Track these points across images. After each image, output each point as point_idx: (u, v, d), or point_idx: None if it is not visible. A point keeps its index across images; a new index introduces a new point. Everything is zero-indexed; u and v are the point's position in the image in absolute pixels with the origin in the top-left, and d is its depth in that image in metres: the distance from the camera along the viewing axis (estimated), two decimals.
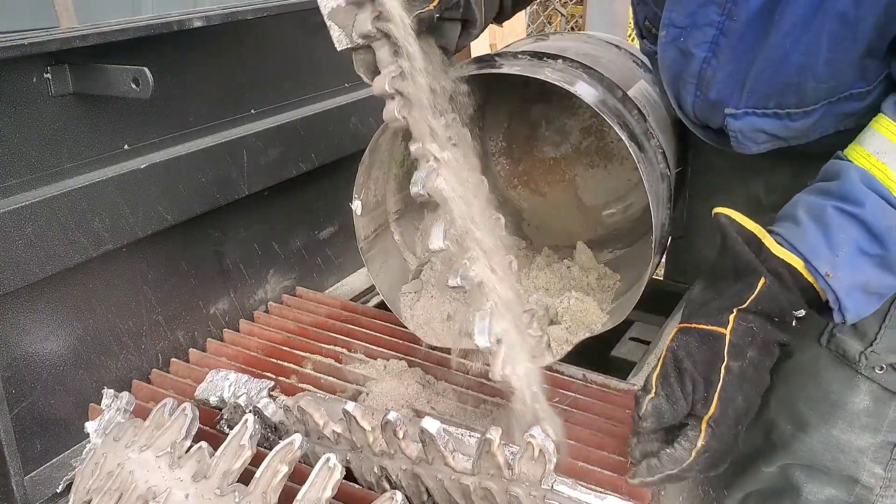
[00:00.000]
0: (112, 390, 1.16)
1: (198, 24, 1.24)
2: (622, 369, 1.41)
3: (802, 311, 1.02)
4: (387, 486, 1.02)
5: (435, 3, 1.07)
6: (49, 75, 1.09)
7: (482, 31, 1.20)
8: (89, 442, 1.11)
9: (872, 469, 1.29)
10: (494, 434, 0.91)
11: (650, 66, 1.56)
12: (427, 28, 1.09)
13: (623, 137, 1.23)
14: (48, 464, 1.18)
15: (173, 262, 1.36)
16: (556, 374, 1.30)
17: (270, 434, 1.13)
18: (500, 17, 1.28)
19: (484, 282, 1.06)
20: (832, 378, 1.28)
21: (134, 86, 1.09)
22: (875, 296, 1.03)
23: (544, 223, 1.80)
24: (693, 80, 1.20)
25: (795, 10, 1.03)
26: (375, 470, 1.02)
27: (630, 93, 1.36)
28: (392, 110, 1.06)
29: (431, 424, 0.96)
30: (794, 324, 1.03)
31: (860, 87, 1.08)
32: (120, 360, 1.28)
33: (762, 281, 1.00)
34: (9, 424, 1.01)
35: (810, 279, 1.00)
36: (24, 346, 1.12)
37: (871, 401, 1.26)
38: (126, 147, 1.22)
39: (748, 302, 1.00)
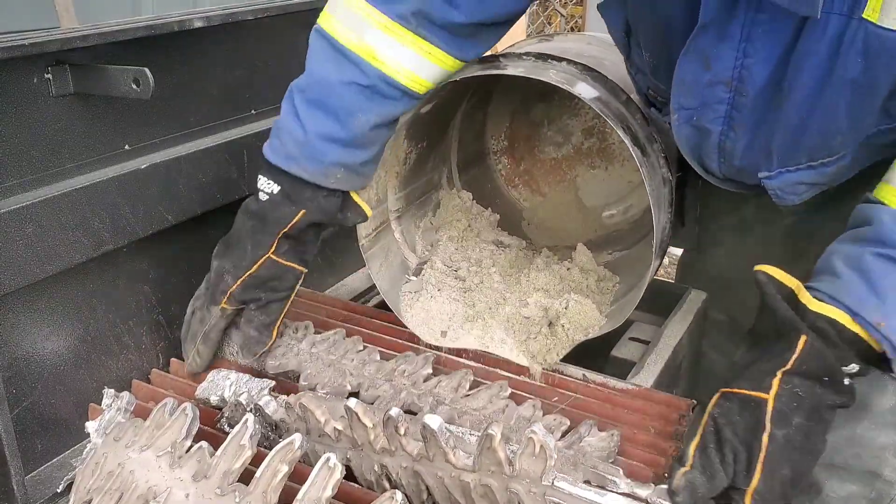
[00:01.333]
0: (112, 390, 1.16)
1: (198, 24, 1.24)
2: (622, 369, 1.41)
3: (855, 365, 0.97)
4: (387, 485, 1.02)
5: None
6: (50, 76, 1.09)
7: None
8: (90, 442, 1.11)
9: (894, 464, 1.30)
10: (496, 430, 0.92)
11: None
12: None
13: (626, 141, 1.23)
14: (49, 463, 1.18)
15: (174, 262, 1.36)
16: (555, 374, 1.30)
17: (271, 433, 1.14)
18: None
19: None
20: (860, 380, 1.28)
21: (134, 86, 1.09)
22: None
23: (544, 223, 1.80)
24: (715, 151, 1.20)
25: (805, 83, 1.03)
26: (376, 468, 1.02)
27: (634, 96, 1.36)
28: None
29: (433, 420, 0.96)
30: (847, 381, 0.96)
31: (886, 123, 1.08)
32: (120, 359, 1.28)
33: (803, 339, 0.95)
34: (9, 424, 1.01)
35: (858, 330, 0.96)
36: (25, 346, 1.12)
37: None
38: (127, 147, 1.22)
39: (791, 363, 0.94)
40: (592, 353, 1.35)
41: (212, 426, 1.16)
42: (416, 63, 1.16)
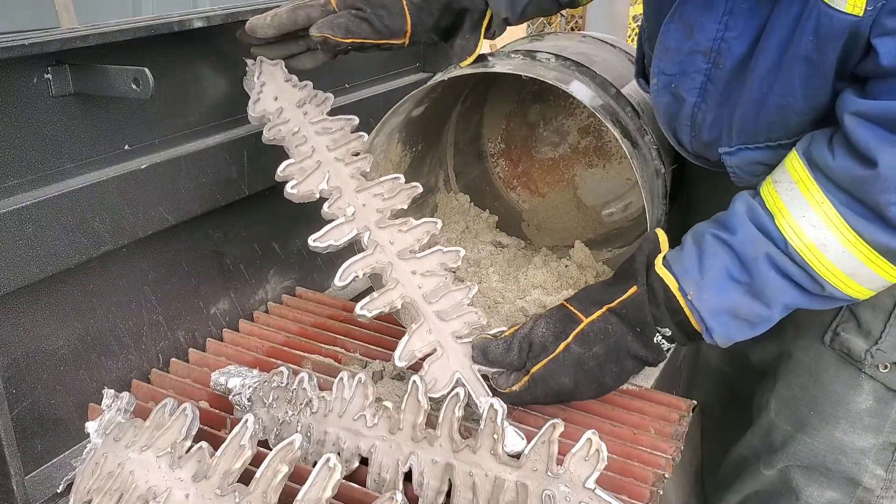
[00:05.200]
0: (112, 390, 1.16)
1: (198, 24, 1.24)
2: None
3: (668, 330, 1.10)
4: (399, 485, 1.02)
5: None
6: (49, 76, 1.09)
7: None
8: (89, 442, 1.11)
9: (874, 471, 1.30)
10: (560, 424, 0.95)
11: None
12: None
13: (616, 134, 1.23)
14: (48, 464, 1.18)
15: (174, 262, 1.36)
16: None
17: (292, 411, 1.12)
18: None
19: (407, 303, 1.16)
20: (834, 378, 1.28)
21: (134, 86, 1.09)
22: (745, 322, 1.08)
23: (544, 223, 1.81)
24: (687, 123, 1.24)
25: (767, 56, 1.07)
26: (400, 461, 1.02)
27: (624, 90, 1.36)
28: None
29: (499, 404, 0.99)
30: (657, 341, 1.11)
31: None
32: (120, 360, 1.28)
33: (633, 288, 1.09)
34: (9, 424, 1.01)
35: (682, 302, 1.07)
36: (25, 346, 1.12)
37: (873, 401, 1.27)
38: (127, 147, 1.22)
39: (615, 303, 1.10)
40: None
41: (213, 425, 1.16)
42: None
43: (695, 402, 1.23)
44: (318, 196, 1.24)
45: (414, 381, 1.04)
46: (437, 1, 1.27)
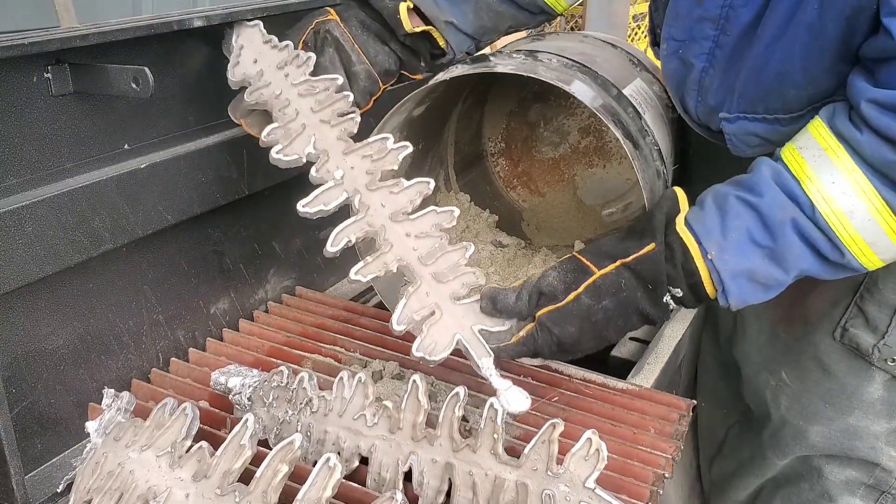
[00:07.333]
0: (112, 390, 1.16)
1: (198, 24, 1.24)
2: (622, 369, 1.41)
3: (679, 291, 1.07)
4: (400, 484, 1.02)
5: None
6: (49, 75, 1.09)
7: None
8: (90, 441, 1.11)
9: (890, 452, 1.35)
10: (560, 424, 0.94)
11: (647, 65, 1.56)
12: None
13: (618, 135, 1.23)
14: (48, 463, 1.18)
15: (173, 261, 1.36)
16: (554, 374, 1.30)
17: (292, 410, 1.12)
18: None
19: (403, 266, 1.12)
20: (847, 371, 1.33)
21: (134, 85, 1.09)
22: (761, 286, 1.05)
23: (544, 223, 1.81)
24: (695, 88, 1.25)
25: (773, 22, 1.08)
26: (400, 460, 1.02)
27: (625, 91, 1.36)
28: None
29: (499, 403, 0.99)
30: (665, 300, 1.07)
31: (841, 94, 1.10)
32: (120, 359, 1.28)
33: (651, 245, 1.06)
34: (9, 424, 1.01)
35: (700, 266, 1.05)
36: (25, 345, 1.12)
37: (884, 390, 1.32)
38: (126, 147, 1.22)
39: (630, 258, 1.07)
40: (592, 353, 1.35)
41: (213, 424, 1.16)
42: None
43: (695, 401, 1.23)
44: (304, 161, 1.19)
45: (414, 381, 1.03)
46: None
